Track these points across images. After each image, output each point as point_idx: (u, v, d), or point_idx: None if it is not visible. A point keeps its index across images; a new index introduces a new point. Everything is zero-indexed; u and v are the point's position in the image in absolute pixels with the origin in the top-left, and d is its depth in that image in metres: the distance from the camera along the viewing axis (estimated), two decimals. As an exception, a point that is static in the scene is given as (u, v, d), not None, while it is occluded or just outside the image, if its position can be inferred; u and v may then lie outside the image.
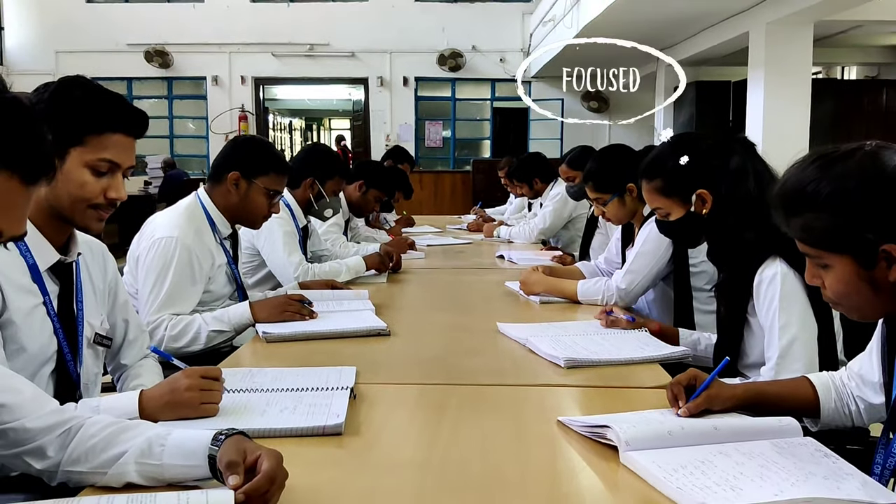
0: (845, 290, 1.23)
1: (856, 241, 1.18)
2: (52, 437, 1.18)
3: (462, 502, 1.14)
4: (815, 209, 1.21)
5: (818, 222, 1.21)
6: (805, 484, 1.15)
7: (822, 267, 1.25)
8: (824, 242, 1.22)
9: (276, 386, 1.63)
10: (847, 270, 1.21)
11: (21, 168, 0.97)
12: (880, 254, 1.16)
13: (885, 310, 1.26)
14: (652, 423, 1.35)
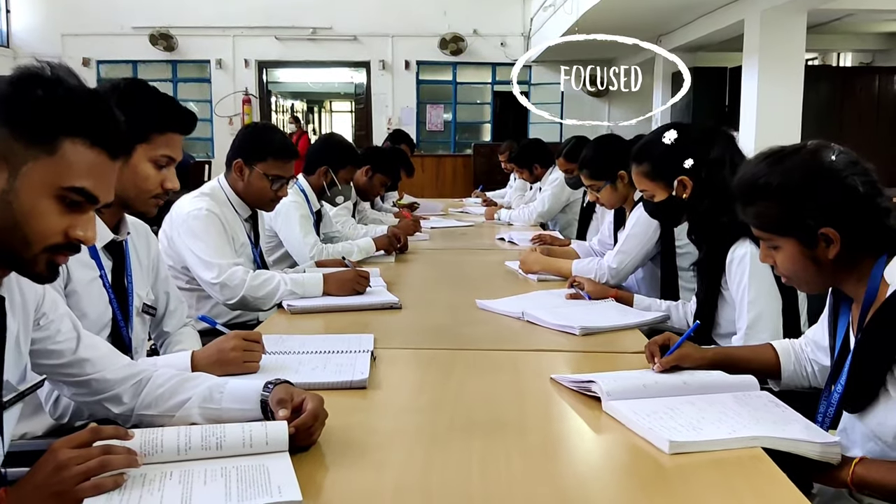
0: (793, 268, 1.46)
1: (799, 225, 1.40)
2: (127, 386, 1.41)
3: (469, 439, 1.37)
4: (765, 199, 1.44)
5: (768, 210, 1.44)
6: (756, 426, 1.39)
7: (773, 248, 1.47)
8: (773, 227, 1.45)
9: (305, 349, 1.87)
10: (793, 250, 1.43)
11: (109, 145, 1.17)
12: (819, 236, 1.39)
13: (826, 283, 1.49)
14: (630, 379, 1.58)
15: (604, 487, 1.26)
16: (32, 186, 1.10)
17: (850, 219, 1.38)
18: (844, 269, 1.42)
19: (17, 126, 1.10)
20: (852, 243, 1.38)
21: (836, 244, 1.38)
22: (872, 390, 1.35)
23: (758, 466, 1.27)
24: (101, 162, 1.15)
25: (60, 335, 1.37)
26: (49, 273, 1.17)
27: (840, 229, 1.37)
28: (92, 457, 1.10)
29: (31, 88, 1.12)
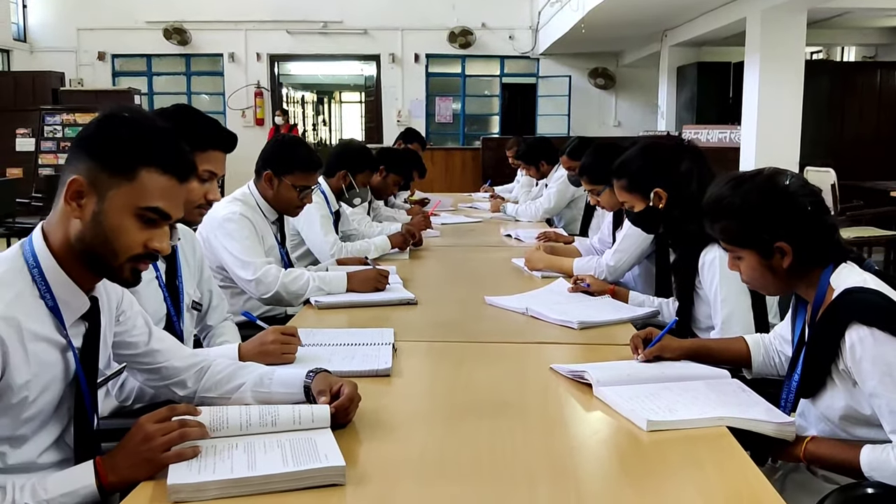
0: (753, 275, 1.70)
1: (757, 240, 1.65)
2: (191, 372, 1.68)
3: (478, 418, 1.63)
4: (728, 217, 1.68)
5: (731, 226, 1.69)
6: (722, 408, 1.64)
7: (737, 258, 1.72)
8: (736, 241, 1.69)
9: (334, 342, 2.13)
10: (753, 261, 1.68)
11: (177, 172, 1.42)
12: (775, 249, 1.64)
13: (782, 288, 1.73)
14: (617, 368, 1.84)
15: (592, 458, 1.52)
16: (117, 208, 1.36)
17: (800, 234, 1.62)
18: (797, 276, 1.66)
19: (103, 160, 1.36)
20: (803, 255, 1.63)
21: (788, 256, 1.63)
22: (821, 379, 1.60)
23: (721, 442, 1.52)
24: (171, 185, 1.41)
25: (136, 329, 1.63)
26: (133, 278, 1.43)
27: (792, 243, 1.62)
28: (172, 429, 1.35)
29: (112, 129, 1.39)
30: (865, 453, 1.51)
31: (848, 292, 1.55)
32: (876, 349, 1.47)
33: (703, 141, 10.01)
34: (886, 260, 7.52)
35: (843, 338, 1.52)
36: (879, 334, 1.47)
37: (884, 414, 1.48)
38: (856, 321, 1.50)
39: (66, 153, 10.24)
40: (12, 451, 1.38)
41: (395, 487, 1.33)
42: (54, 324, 1.39)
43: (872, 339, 1.48)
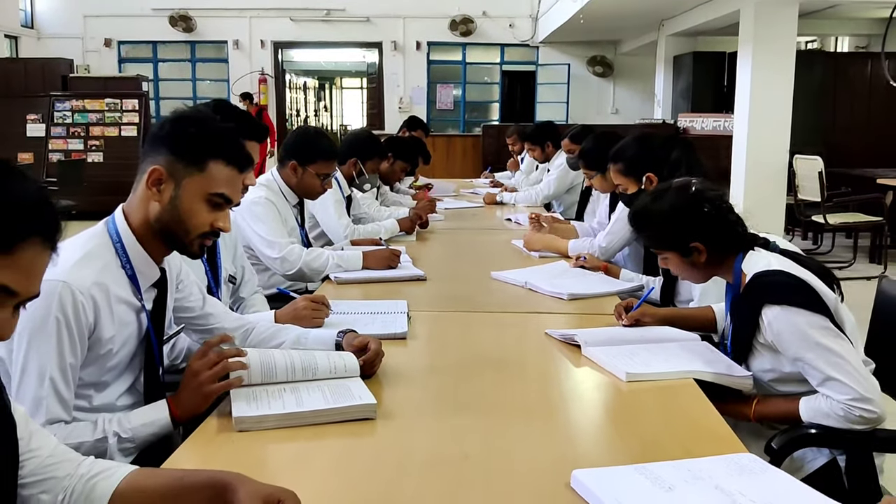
0: (678, 270, 2.01)
1: (674, 243, 1.95)
2: (238, 333, 1.96)
3: (483, 372, 1.92)
4: (649, 227, 2.00)
5: (653, 234, 2.00)
6: (690, 364, 1.93)
7: (664, 258, 2.01)
8: (658, 245, 2.00)
9: (355, 310, 2.41)
10: (676, 259, 1.98)
11: (238, 164, 1.71)
12: (691, 248, 1.93)
13: (705, 277, 2.03)
14: (603, 332, 2.14)
15: (579, 402, 1.81)
16: (191, 193, 1.65)
17: (709, 232, 1.92)
18: (715, 266, 1.97)
19: (180, 153, 1.65)
20: (715, 249, 1.93)
21: (703, 252, 1.93)
22: (747, 349, 1.90)
23: (688, 391, 1.81)
24: (234, 175, 1.70)
25: (192, 296, 1.92)
26: (199, 252, 1.72)
27: (703, 241, 1.91)
28: (214, 363, 1.61)
29: (186, 127, 1.67)
30: (802, 404, 1.81)
31: (757, 277, 1.84)
32: (789, 322, 1.76)
33: (697, 129, 10.29)
34: (872, 244, 7.82)
35: (761, 316, 1.81)
36: (789, 308, 1.76)
37: (809, 373, 1.77)
38: (767, 302, 1.79)
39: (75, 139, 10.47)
40: (97, 395, 1.67)
41: (415, 420, 1.62)
42: (132, 289, 1.67)
43: (784, 314, 1.77)
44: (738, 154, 8.12)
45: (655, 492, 1.25)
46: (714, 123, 10.00)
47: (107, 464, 1.25)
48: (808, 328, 1.75)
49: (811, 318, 1.76)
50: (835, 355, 1.74)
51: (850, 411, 1.70)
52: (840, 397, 1.71)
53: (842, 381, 1.72)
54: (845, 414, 1.71)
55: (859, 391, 1.71)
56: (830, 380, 1.73)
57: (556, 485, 1.32)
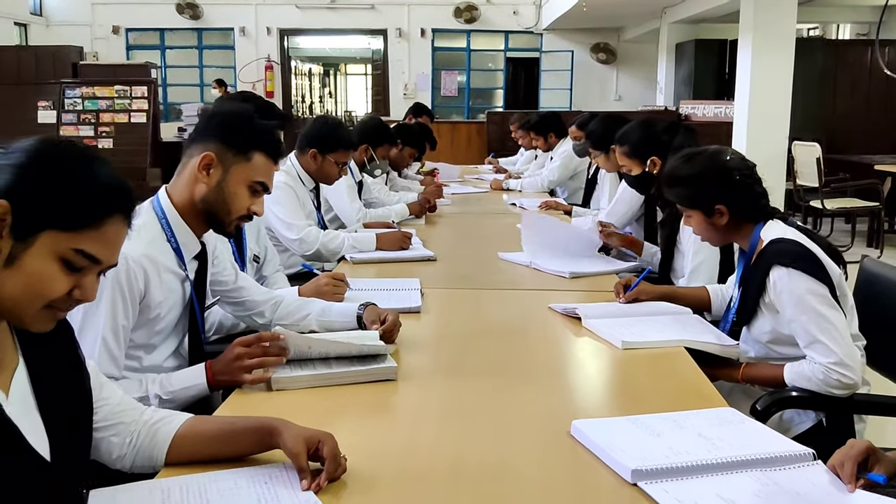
0: (699, 229, 2.16)
1: (701, 203, 2.10)
2: (268, 305, 2.14)
3: (491, 342, 2.10)
4: (679, 185, 2.14)
5: (682, 192, 2.14)
6: (681, 334, 2.11)
7: (688, 216, 2.18)
8: (686, 203, 2.15)
9: (371, 287, 2.59)
10: (699, 219, 2.14)
11: (275, 156, 1.90)
12: (715, 210, 2.09)
13: (723, 240, 2.19)
14: (602, 306, 2.31)
15: (579, 367, 2.00)
16: (236, 180, 1.83)
17: (734, 200, 2.08)
18: (733, 231, 2.12)
19: (230, 143, 1.83)
20: (737, 214, 2.09)
21: (725, 215, 2.09)
22: (753, 309, 2.07)
23: (678, 356, 1.99)
24: (272, 166, 1.89)
25: (226, 271, 2.10)
26: (234, 232, 1.90)
27: (727, 205, 2.08)
28: (256, 356, 1.73)
29: (237, 122, 1.86)
30: (787, 369, 1.98)
31: (773, 242, 2.01)
32: (792, 284, 1.93)
33: (698, 116, 10.43)
34: (870, 229, 7.98)
35: (768, 276, 1.98)
36: (794, 272, 1.93)
37: (798, 333, 1.94)
38: (776, 263, 1.96)
39: (85, 125, 10.60)
40: (146, 356, 1.85)
41: (431, 381, 1.81)
42: (177, 261, 1.85)
43: (789, 276, 1.93)
44: (739, 140, 8.26)
45: (645, 437, 1.43)
46: (715, 110, 10.14)
47: (166, 412, 1.43)
48: (808, 293, 1.93)
49: (812, 284, 1.93)
50: (826, 321, 1.91)
51: (829, 374, 1.88)
52: (822, 360, 1.89)
53: (826, 345, 1.89)
54: (824, 378, 1.89)
55: (840, 356, 1.88)
56: (817, 342, 1.91)
57: (558, 433, 1.50)
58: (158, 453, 1.36)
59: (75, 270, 1.11)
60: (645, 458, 1.33)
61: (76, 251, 1.10)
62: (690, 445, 1.40)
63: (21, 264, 1.08)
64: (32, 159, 1.11)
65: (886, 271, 2.29)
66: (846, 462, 1.33)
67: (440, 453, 1.43)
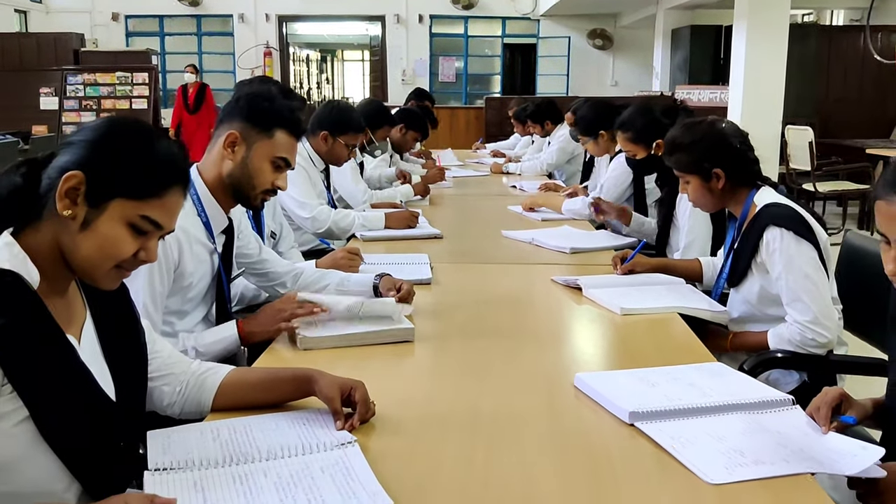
0: (696, 195, 2.32)
1: (699, 167, 2.26)
2: (289, 276, 2.30)
3: (499, 307, 2.26)
4: (680, 151, 2.29)
5: (682, 158, 2.30)
6: (676, 301, 2.26)
7: (686, 182, 2.33)
8: (685, 168, 2.30)
9: (383, 262, 2.74)
10: (697, 183, 2.29)
11: (296, 133, 2.05)
12: (712, 174, 2.24)
13: (718, 205, 2.34)
14: (601, 278, 2.47)
15: (581, 330, 2.16)
16: (260, 156, 1.98)
17: (730, 164, 2.24)
18: (729, 196, 2.28)
19: (254, 121, 1.98)
20: (732, 180, 2.24)
21: (722, 179, 2.24)
22: (744, 270, 2.23)
23: (672, 321, 2.15)
24: (293, 143, 2.04)
25: (250, 244, 2.25)
26: (260, 206, 2.05)
27: (724, 169, 2.23)
28: (292, 309, 1.93)
29: (260, 101, 2.00)
30: (769, 334, 2.15)
31: (767, 206, 2.18)
32: (783, 244, 2.09)
33: (694, 101, 10.56)
34: (861, 212, 8.15)
35: (762, 237, 2.14)
36: (787, 233, 2.09)
37: (783, 290, 2.11)
38: (772, 224, 2.12)
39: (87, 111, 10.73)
40: (179, 321, 2.00)
41: (445, 342, 1.97)
42: (206, 234, 2.00)
43: (781, 236, 2.10)
44: (733, 125, 8.40)
45: (642, 387, 1.59)
46: (710, 95, 10.27)
47: (212, 364, 1.58)
48: (798, 254, 2.09)
49: (802, 246, 2.10)
50: (810, 282, 2.08)
51: (805, 333, 2.05)
52: (800, 318, 2.05)
53: (806, 303, 2.06)
54: (801, 338, 2.06)
55: (816, 314, 2.05)
56: (798, 301, 2.08)
57: (563, 384, 1.66)
58: (206, 400, 1.52)
59: (141, 234, 1.26)
60: (641, 403, 1.49)
61: (142, 217, 1.25)
62: (683, 393, 1.56)
63: (94, 228, 1.23)
64: (103, 135, 1.26)
65: (867, 243, 2.45)
66: (821, 407, 1.49)
67: (457, 401, 1.59)
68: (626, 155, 3.32)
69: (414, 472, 1.28)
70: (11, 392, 1.15)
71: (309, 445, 1.33)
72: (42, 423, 1.19)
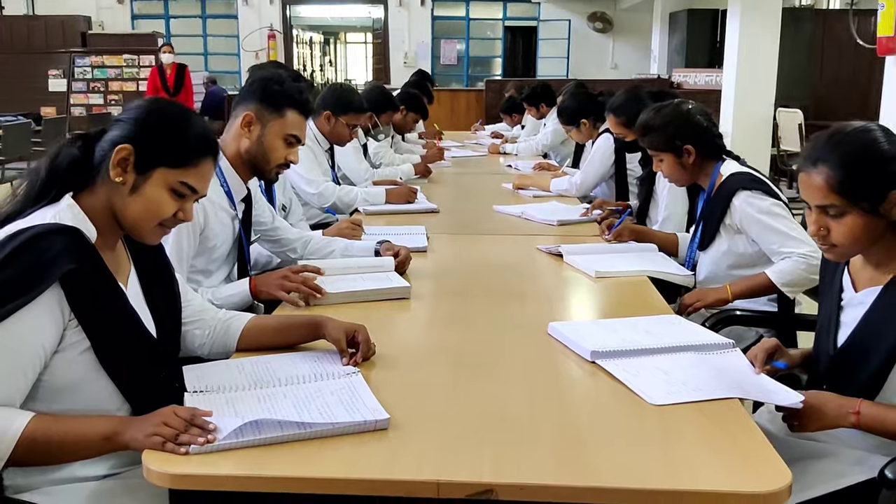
0: (670, 170, 2.56)
1: (671, 145, 2.51)
2: (299, 243, 2.56)
3: (487, 272, 2.52)
4: (653, 132, 2.54)
5: (654, 138, 2.54)
6: (647, 265, 2.52)
7: (660, 160, 2.58)
8: (658, 148, 2.55)
9: (383, 233, 2.99)
10: (670, 160, 2.54)
11: (305, 112, 2.30)
12: (684, 150, 2.49)
13: (690, 179, 2.59)
14: (580, 246, 2.73)
15: (557, 288, 2.43)
16: (273, 134, 2.23)
17: (698, 140, 2.49)
18: (698, 170, 2.53)
19: (267, 102, 2.22)
20: (701, 154, 2.50)
21: (692, 155, 2.49)
22: (713, 233, 2.48)
23: (642, 284, 2.40)
24: (302, 121, 2.28)
25: (265, 214, 2.51)
26: (276, 178, 2.31)
27: (694, 145, 2.48)
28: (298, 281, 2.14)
29: (272, 85, 2.25)
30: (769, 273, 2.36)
31: (732, 175, 2.44)
32: (755, 204, 2.36)
33: (690, 84, 10.78)
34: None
35: (731, 202, 2.39)
36: (755, 193, 2.36)
37: (772, 240, 2.36)
38: (740, 189, 2.38)
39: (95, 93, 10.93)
40: (205, 279, 2.26)
41: (437, 299, 2.24)
42: (228, 202, 2.26)
43: (752, 197, 2.36)
44: (727, 107, 8.62)
45: (604, 333, 1.85)
46: (706, 78, 10.48)
47: (236, 312, 1.84)
48: (772, 205, 2.38)
49: (773, 200, 2.38)
50: (793, 224, 2.36)
51: (809, 261, 2.29)
52: (801, 249, 2.31)
53: (799, 238, 2.33)
54: (806, 266, 2.30)
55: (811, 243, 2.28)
56: (791, 239, 2.34)
57: (539, 333, 1.91)
58: (231, 342, 1.78)
59: (180, 197, 1.52)
60: (602, 345, 1.75)
61: (181, 183, 1.51)
62: (639, 337, 1.82)
63: (141, 192, 1.49)
64: (147, 114, 1.52)
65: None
66: (758, 352, 1.75)
67: (445, 344, 1.86)
68: (617, 136, 3.56)
69: (407, 398, 1.54)
70: (77, 326, 1.41)
71: (320, 375, 1.59)
72: (100, 353, 1.45)
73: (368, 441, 1.35)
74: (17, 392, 1.37)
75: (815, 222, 1.64)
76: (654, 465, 1.28)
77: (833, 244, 1.64)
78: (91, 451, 1.39)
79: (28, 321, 1.35)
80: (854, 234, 1.61)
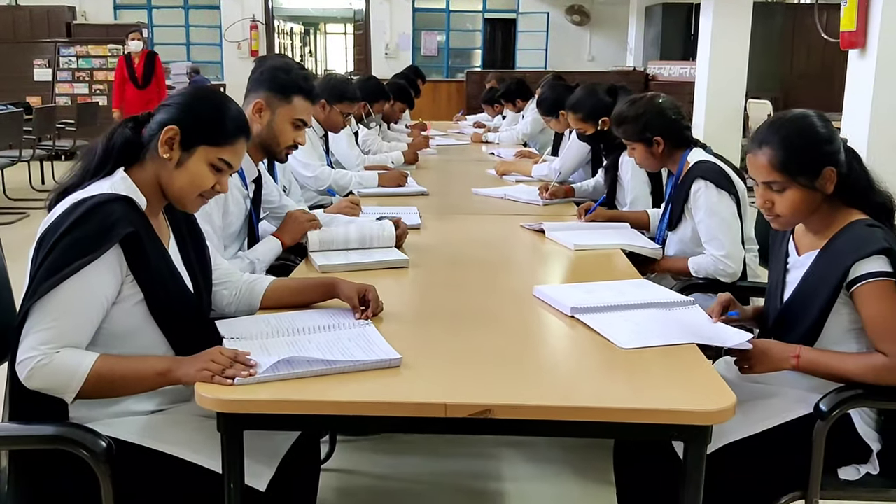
0: (641, 158, 2.83)
1: (642, 136, 2.77)
2: (305, 220, 2.80)
3: (476, 246, 2.78)
4: (626, 123, 2.80)
5: (627, 129, 2.80)
6: (620, 239, 2.79)
7: (632, 149, 2.84)
8: (630, 138, 2.81)
9: (378, 213, 3.24)
10: (641, 149, 2.80)
11: (312, 98, 2.54)
12: (654, 141, 2.76)
13: (659, 165, 2.86)
14: (561, 224, 2.99)
15: (540, 260, 2.69)
16: (282, 119, 2.47)
17: (667, 132, 2.75)
18: (667, 157, 2.79)
19: (275, 90, 2.46)
20: (670, 143, 2.76)
21: (661, 145, 2.76)
22: (679, 215, 2.75)
23: (616, 255, 2.67)
24: (308, 106, 2.52)
25: (272, 193, 2.75)
26: (285, 159, 2.55)
27: (663, 136, 2.74)
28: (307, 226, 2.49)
29: (279, 73, 2.48)
30: (689, 261, 2.67)
31: (697, 163, 2.70)
32: (706, 193, 2.62)
33: (664, 76, 11.09)
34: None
35: (691, 188, 2.66)
36: (709, 184, 2.62)
37: (703, 231, 2.64)
38: (698, 177, 2.65)
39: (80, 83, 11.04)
40: (224, 252, 2.50)
41: (433, 268, 2.49)
42: (241, 182, 2.50)
43: (705, 187, 2.62)
44: (699, 99, 8.94)
45: (581, 293, 2.11)
46: (681, 70, 10.80)
47: (259, 275, 2.09)
48: (718, 201, 2.62)
49: (722, 195, 2.63)
50: (725, 224, 2.61)
51: (717, 264, 2.58)
52: (715, 252, 2.59)
53: (721, 241, 2.59)
54: (714, 267, 2.59)
55: (728, 251, 2.57)
56: (715, 238, 2.61)
57: (525, 295, 2.17)
58: (255, 301, 2.02)
59: (218, 172, 1.76)
60: (580, 302, 2.01)
61: (220, 159, 1.75)
62: (613, 297, 2.09)
63: (186, 167, 1.73)
64: (191, 98, 1.76)
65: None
66: (715, 306, 2.02)
67: (443, 305, 2.12)
68: (577, 131, 3.80)
69: (414, 344, 1.78)
70: (132, 281, 1.66)
71: (337, 325, 1.84)
72: (151, 305, 1.69)
73: (385, 375, 1.60)
74: (85, 336, 1.61)
75: (762, 196, 1.92)
76: (622, 390, 1.56)
77: (777, 215, 1.92)
78: (147, 386, 1.64)
79: (94, 276, 1.59)
80: (795, 206, 1.88)
